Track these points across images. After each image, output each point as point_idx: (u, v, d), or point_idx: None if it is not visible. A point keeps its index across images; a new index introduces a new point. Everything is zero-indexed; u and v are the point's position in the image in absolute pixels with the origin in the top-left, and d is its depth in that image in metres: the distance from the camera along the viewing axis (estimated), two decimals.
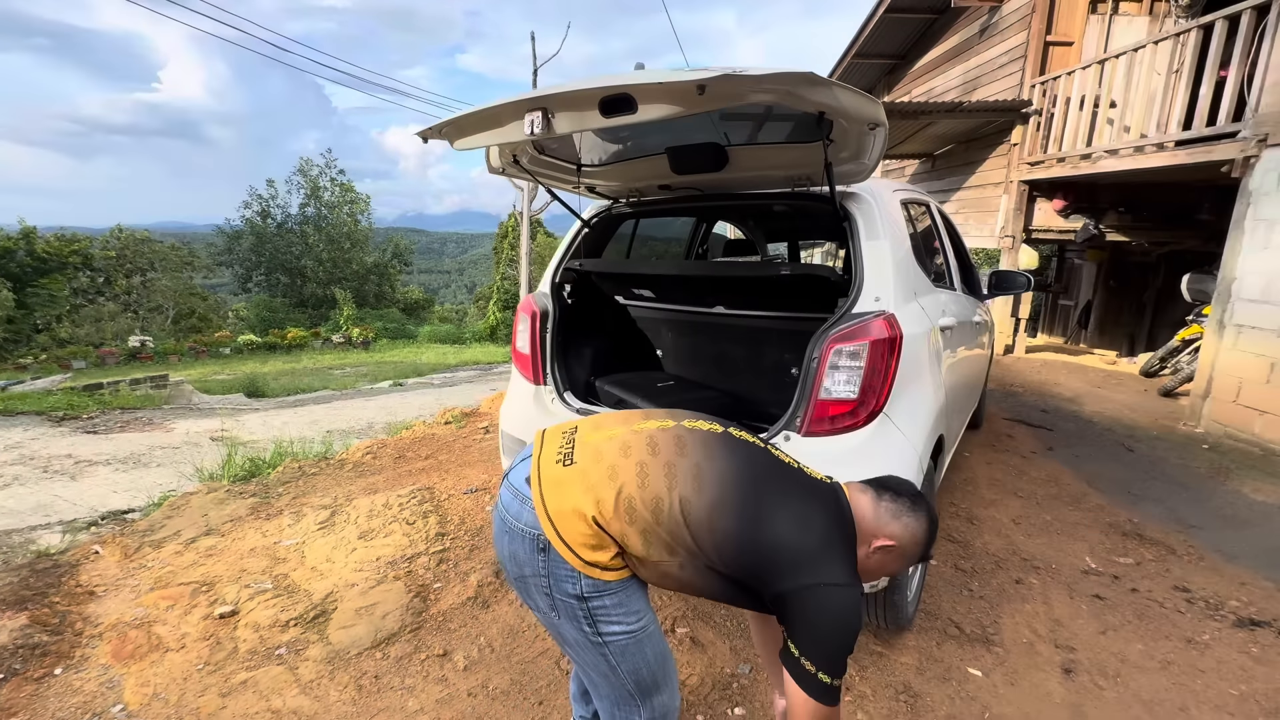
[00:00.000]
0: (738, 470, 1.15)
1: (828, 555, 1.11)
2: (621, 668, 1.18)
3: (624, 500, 1.11)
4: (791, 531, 1.12)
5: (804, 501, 1.18)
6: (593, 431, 1.23)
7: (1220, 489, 3.58)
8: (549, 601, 1.16)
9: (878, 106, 1.66)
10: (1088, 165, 6.10)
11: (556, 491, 1.14)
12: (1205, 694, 1.92)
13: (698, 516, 1.10)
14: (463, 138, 1.82)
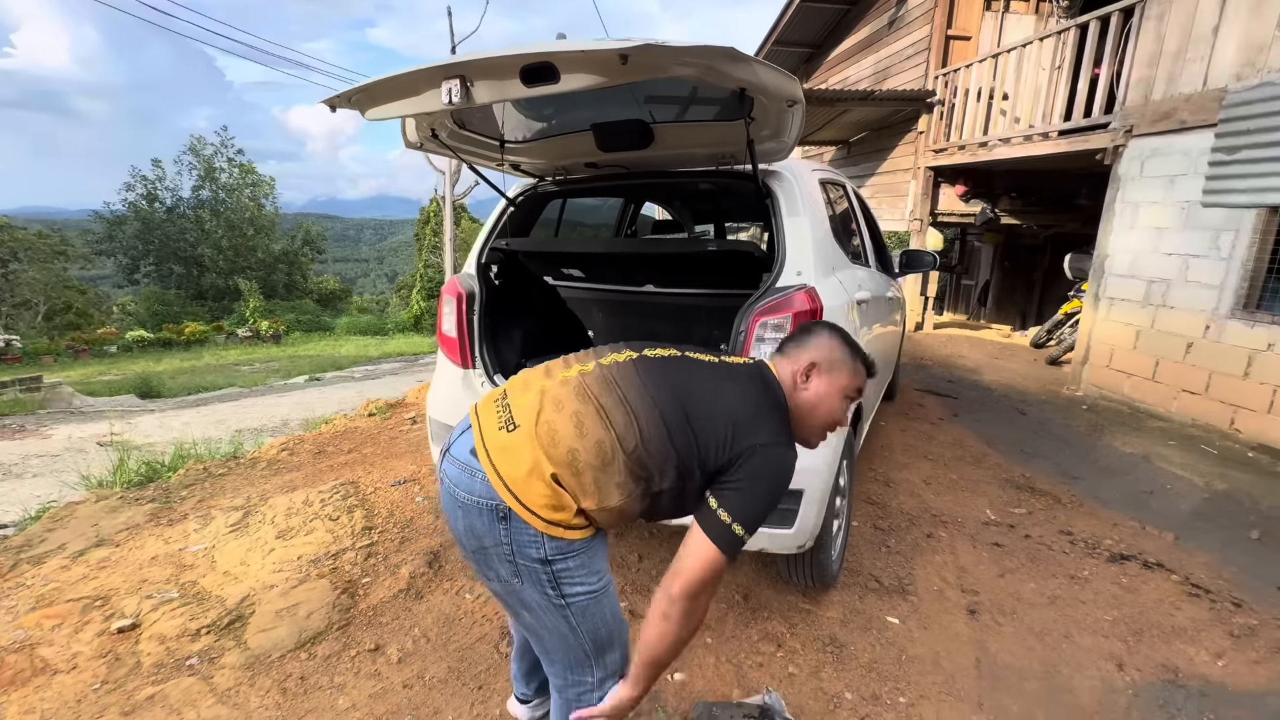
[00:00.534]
0: (663, 386, 1.19)
1: (760, 419, 1.17)
2: (582, 628, 1.19)
3: (569, 454, 1.12)
4: (724, 410, 1.17)
5: (731, 383, 1.23)
6: (522, 393, 1.22)
7: (1097, 444, 4.02)
8: (512, 569, 1.15)
9: (795, 84, 1.71)
10: (985, 153, 6.59)
11: (507, 458, 1.13)
12: (1085, 621, 2.17)
13: (638, 447, 1.13)
14: (375, 107, 1.72)
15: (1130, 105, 4.75)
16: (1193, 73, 4.27)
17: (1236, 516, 3.02)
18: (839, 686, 1.83)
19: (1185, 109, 4.29)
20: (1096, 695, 1.84)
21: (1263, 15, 3.82)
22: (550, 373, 1.25)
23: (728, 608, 2.19)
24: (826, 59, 10.04)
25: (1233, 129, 3.94)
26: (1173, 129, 4.39)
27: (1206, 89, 4.16)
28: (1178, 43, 4.38)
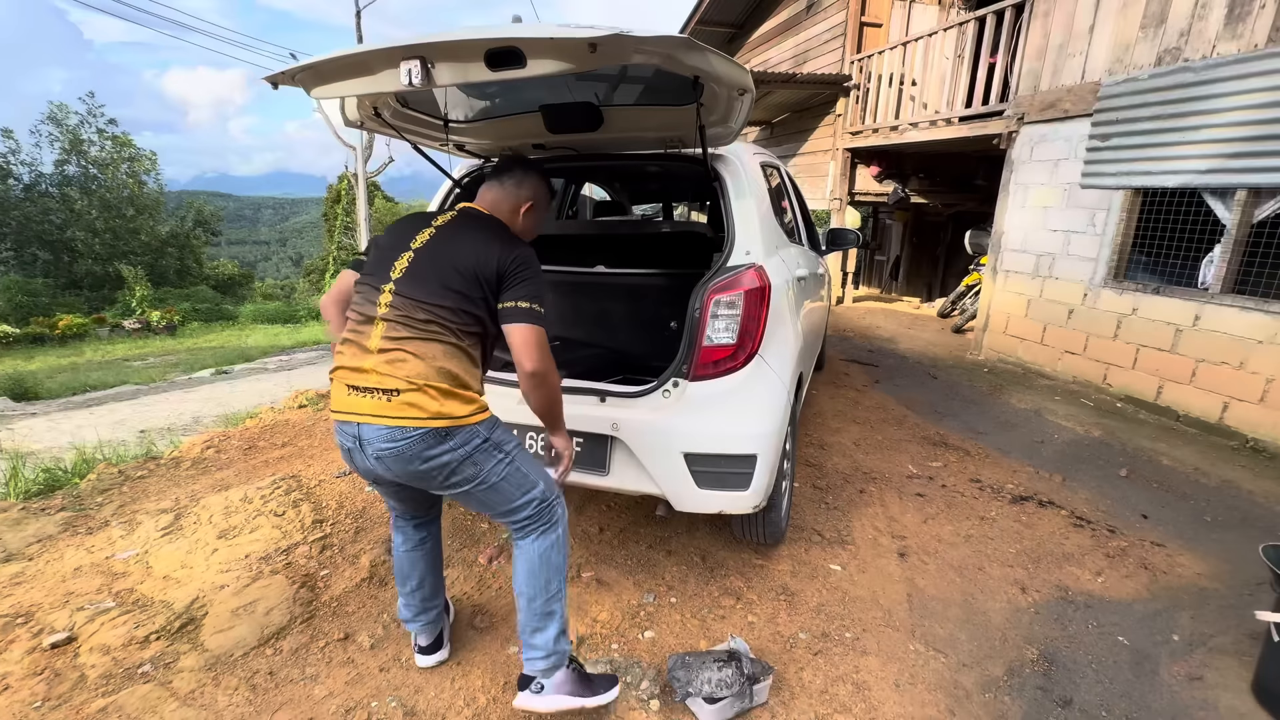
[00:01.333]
0: (428, 268, 1.52)
1: (500, 241, 1.56)
2: (523, 468, 1.57)
3: (413, 371, 1.43)
4: (470, 255, 1.53)
5: (466, 236, 1.59)
6: (356, 358, 1.48)
7: (997, 402, 4.49)
8: (474, 467, 1.49)
9: (746, 73, 1.81)
10: (896, 136, 7.03)
11: (397, 404, 1.42)
12: (994, 554, 2.49)
13: (425, 326, 1.47)
14: (322, 85, 1.66)
15: (1021, 95, 5.22)
16: (1073, 66, 4.75)
17: (1109, 458, 3.51)
18: (794, 628, 2.02)
19: (1067, 99, 4.79)
20: (1006, 615, 2.13)
21: (1129, 17, 4.31)
22: (361, 334, 1.51)
23: (688, 569, 2.33)
24: (748, 40, 10.24)
25: (1105, 118, 4.45)
26: (1057, 117, 4.89)
27: (1084, 81, 4.66)
28: (1060, 38, 4.85)
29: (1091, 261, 4.68)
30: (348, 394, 1.46)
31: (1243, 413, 3.72)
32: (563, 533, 1.63)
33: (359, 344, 1.48)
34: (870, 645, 1.96)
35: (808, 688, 1.78)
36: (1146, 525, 2.78)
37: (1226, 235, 3.79)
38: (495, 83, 2.18)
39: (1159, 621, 2.13)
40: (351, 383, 1.46)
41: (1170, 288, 4.17)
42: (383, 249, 1.60)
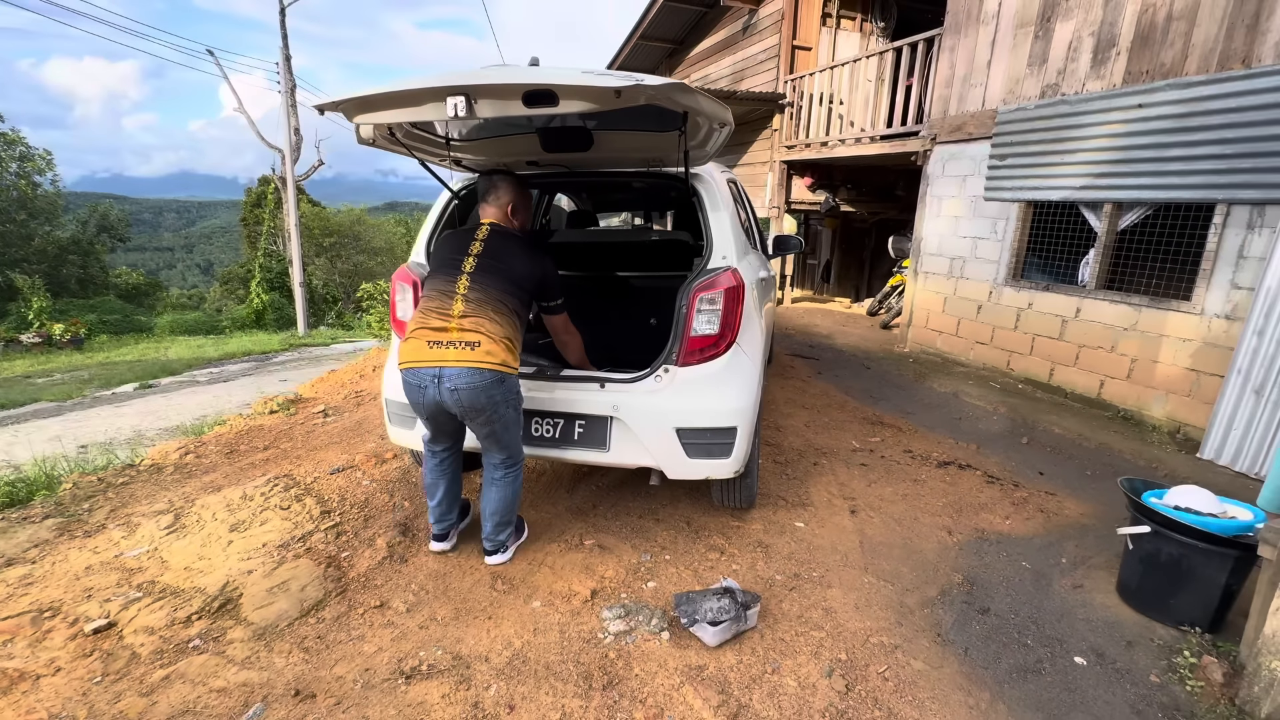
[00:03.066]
0: (493, 270, 2.16)
1: (537, 257, 2.28)
2: (520, 425, 2.28)
3: (490, 330, 2.08)
4: (524, 266, 2.24)
5: (513, 249, 2.24)
6: (441, 323, 2.09)
7: (921, 387, 5.11)
8: (507, 408, 2.15)
9: (727, 111, 2.18)
10: (826, 150, 7.69)
11: (479, 353, 2.05)
12: (926, 506, 2.98)
13: (498, 306, 2.14)
14: (366, 113, 1.90)
15: (934, 118, 5.94)
16: (975, 95, 5.48)
17: (1013, 430, 4.14)
18: (770, 572, 2.40)
19: (971, 123, 5.51)
20: (937, 552, 2.61)
21: (1018, 56, 5.05)
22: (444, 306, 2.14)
23: (676, 533, 2.67)
24: (688, 55, 10.78)
25: (1002, 141, 5.18)
26: (964, 139, 5.61)
27: (985, 108, 5.39)
28: (964, 70, 5.58)
29: (995, 264, 5.40)
30: (430, 348, 2.05)
31: (1115, 388, 4.47)
32: (521, 478, 2.37)
33: (441, 314, 2.09)
34: (833, 580, 2.37)
35: (787, 614, 2.16)
36: (1042, 480, 3.37)
37: (1098, 241, 4.54)
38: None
39: (1052, 550, 2.66)
40: (433, 339, 2.06)
41: (1057, 285, 4.91)
42: (444, 258, 2.24)
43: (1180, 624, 2.08)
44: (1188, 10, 3.91)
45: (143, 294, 26.29)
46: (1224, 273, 3.80)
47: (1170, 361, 4.11)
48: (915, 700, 1.81)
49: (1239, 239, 3.72)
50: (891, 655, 1.99)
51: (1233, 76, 3.66)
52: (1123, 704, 1.82)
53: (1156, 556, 2.11)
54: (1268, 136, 3.51)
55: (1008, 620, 2.19)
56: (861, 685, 1.85)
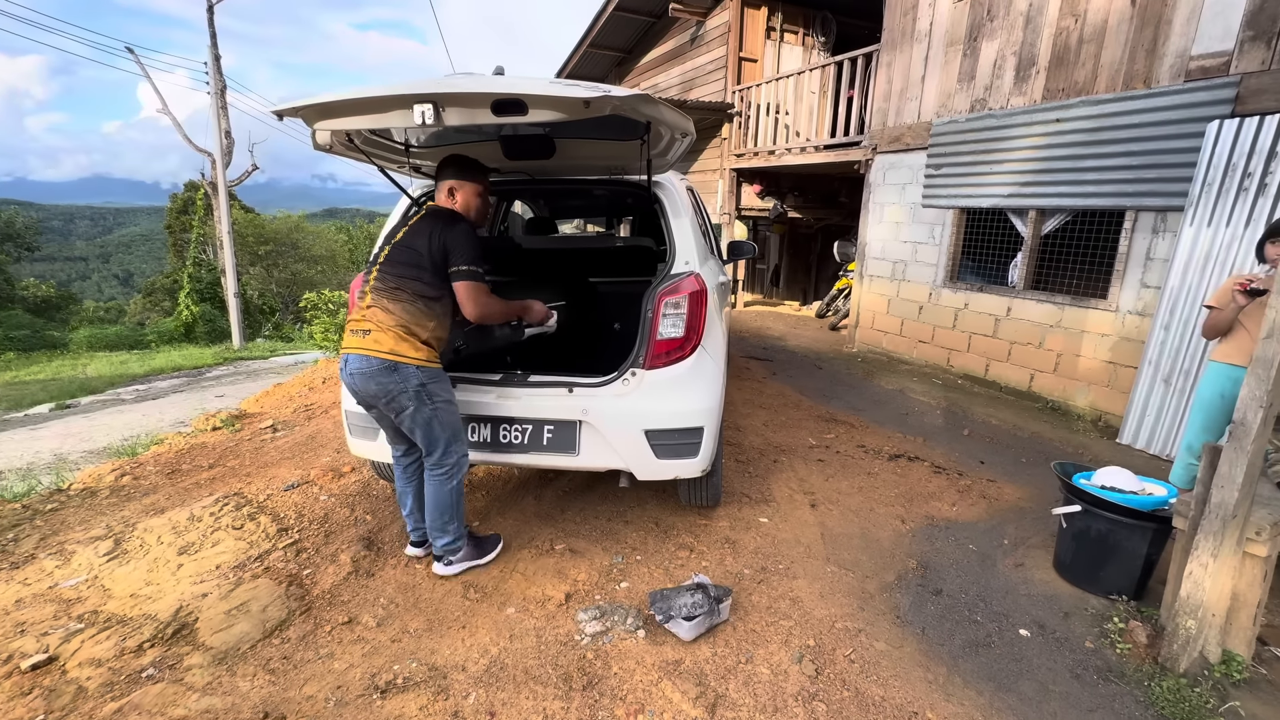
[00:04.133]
0: (397, 258, 2.14)
1: (443, 223, 2.14)
2: (441, 422, 2.17)
3: (380, 320, 2.09)
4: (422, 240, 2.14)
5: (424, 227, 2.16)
6: (355, 313, 2.18)
7: (870, 385, 5.35)
8: (407, 401, 2.09)
9: (689, 121, 2.25)
10: (774, 159, 7.95)
11: (368, 340, 2.09)
12: (880, 498, 3.13)
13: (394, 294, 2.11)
14: (328, 119, 1.87)
15: (874, 129, 6.25)
16: (911, 108, 5.81)
17: (955, 423, 4.40)
18: (739, 567, 2.48)
19: (908, 135, 5.83)
20: (892, 539, 2.75)
21: (949, 72, 5.39)
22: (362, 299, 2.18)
23: (645, 534, 2.72)
24: (638, 64, 10.92)
25: (937, 151, 5.50)
26: (902, 149, 5.92)
27: (920, 121, 5.71)
28: (900, 85, 5.90)
29: (934, 267, 5.72)
30: (349, 335, 2.15)
31: (1043, 381, 4.82)
32: (458, 484, 2.26)
33: (358, 304, 2.17)
34: (799, 572, 2.46)
35: (757, 605, 2.23)
36: (983, 469, 3.60)
37: (1025, 245, 4.89)
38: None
39: (994, 533, 2.85)
40: (350, 328, 2.16)
41: (990, 286, 5.25)
42: (380, 247, 2.26)
43: (1109, 594, 2.28)
44: (1096, 34, 4.28)
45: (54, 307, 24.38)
46: (1134, 273, 4.17)
47: (1091, 355, 4.46)
48: (880, 679, 1.91)
49: (1146, 242, 4.09)
50: (856, 639, 2.09)
51: (1136, 95, 4.03)
52: (1063, 670, 1.98)
53: (1087, 533, 2.30)
54: (1167, 150, 3.88)
55: (959, 600, 2.34)
56: (830, 669, 1.94)
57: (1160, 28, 3.92)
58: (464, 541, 2.35)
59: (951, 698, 1.85)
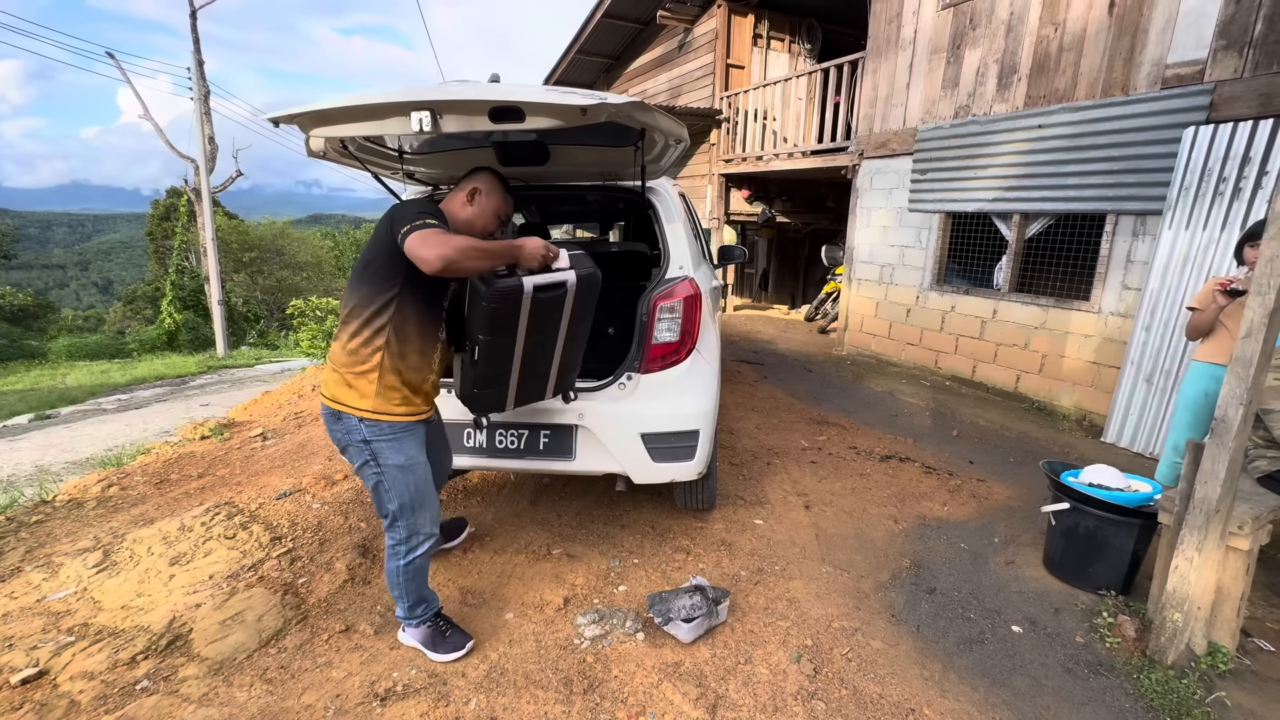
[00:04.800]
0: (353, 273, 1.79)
1: (387, 217, 1.74)
2: (388, 489, 1.80)
3: (330, 354, 1.79)
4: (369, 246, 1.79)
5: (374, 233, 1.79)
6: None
7: (860, 387, 5.41)
8: (352, 456, 1.79)
9: (683, 128, 2.28)
10: (762, 164, 8.03)
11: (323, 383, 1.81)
12: (873, 498, 3.17)
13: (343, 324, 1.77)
14: (324, 126, 1.87)
15: (861, 135, 6.33)
16: (897, 114, 5.90)
17: (945, 423, 4.46)
18: (735, 568, 2.49)
19: (895, 140, 5.92)
20: (886, 539, 2.78)
21: (933, 79, 5.49)
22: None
23: (642, 537, 2.73)
24: (626, 70, 10.98)
25: (922, 157, 5.58)
26: (888, 154, 6.01)
27: (906, 127, 5.80)
28: (886, 91, 5.99)
29: (921, 270, 5.80)
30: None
31: (1029, 382, 4.90)
32: (403, 564, 1.87)
33: None
34: (794, 572, 2.49)
35: (754, 606, 2.25)
36: (973, 468, 3.66)
37: (1010, 248, 4.98)
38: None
39: (985, 531, 2.90)
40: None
41: (976, 289, 5.34)
42: None
43: (1098, 589, 2.32)
44: (1075, 42, 4.38)
45: (31, 316, 23.92)
46: (1116, 275, 4.26)
47: (1075, 356, 4.55)
48: (877, 677, 1.93)
49: (1127, 245, 4.19)
50: (852, 638, 2.11)
51: (1114, 102, 4.13)
52: (1055, 664, 2.02)
53: (1075, 530, 2.34)
54: (1146, 155, 3.98)
55: (952, 598, 2.37)
56: (828, 668, 1.96)
57: (1137, 37, 4.03)
58: (418, 622, 1.97)
59: (948, 694, 1.88)
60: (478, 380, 1.90)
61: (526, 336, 1.87)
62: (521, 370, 1.96)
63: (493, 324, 1.78)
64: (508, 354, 1.89)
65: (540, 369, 2.04)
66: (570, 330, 2.02)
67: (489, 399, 1.99)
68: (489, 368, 1.87)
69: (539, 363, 2.01)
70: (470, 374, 1.92)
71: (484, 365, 1.86)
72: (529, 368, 1.97)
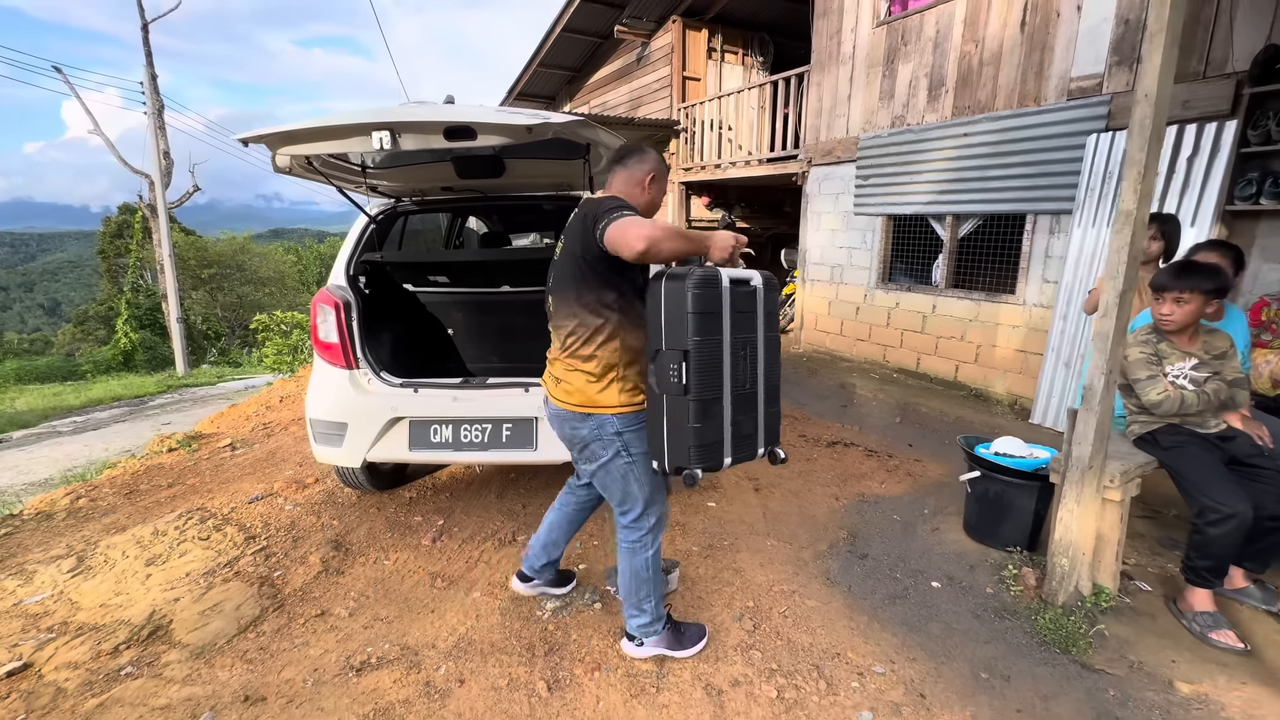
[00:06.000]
0: (559, 276, 1.82)
1: (587, 208, 1.70)
2: (637, 477, 1.82)
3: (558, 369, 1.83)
4: (572, 239, 1.75)
5: (571, 226, 1.80)
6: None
7: (813, 381, 5.71)
8: (601, 449, 1.78)
9: (624, 142, 2.50)
10: (719, 172, 8.34)
11: (560, 390, 1.82)
12: (818, 479, 3.43)
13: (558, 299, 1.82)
14: (290, 145, 2.04)
15: (809, 143, 6.68)
16: (840, 124, 6.26)
17: (888, 411, 4.76)
18: (688, 545, 2.71)
19: (839, 148, 6.27)
20: (827, 515, 3.03)
21: (871, 91, 5.86)
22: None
23: (603, 522, 2.92)
24: (587, 83, 11.23)
25: (864, 164, 5.94)
26: (834, 161, 6.36)
27: (849, 135, 6.16)
28: (830, 102, 6.36)
29: (867, 270, 6.15)
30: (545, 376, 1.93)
31: (966, 371, 5.26)
32: (653, 553, 1.88)
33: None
34: (742, 546, 2.71)
35: (703, 576, 2.47)
36: (911, 450, 3.95)
37: (945, 247, 5.35)
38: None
39: (917, 504, 3.17)
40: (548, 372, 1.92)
41: (917, 286, 5.70)
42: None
43: (1007, 546, 2.60)
44: (994, 58, 4.78)
45: None
46: (1037, 270, 4.64)
47: (1005, 345, 4.91)
48: (809, 629, 2.16)
49: (1045, 242, 4.57)
50: (790, 599, 2.34)
51: (1029, 112, 4.52)
52: (966, 612, 2.28)
53: (986, 495, 2.62)
54: (1057, 160, 4.37)
55: (882, 562, 2.62)
56: (766, 624, 2.18)
57: (1045, 53, 4.43)
58: (662, 624, 1.96)
59: (870, 640, 2.12)
60: (695, 414, 1.56)
61: (730, 342, 1.61)
62: (732, 396, 1.64)
63: (701, 322, 1.53)
64: (718, 365, 1.59)
65: (749, 389, 1.71)
66: (768, 339, 1.74)
67: (708, 440, 1.62)
68: (702, 386, 1.56)
69: (745, 381, 1.68)
70: (683, 409, 1.57)
71: (697, 382, 1.55)
72: (736, 390, 1.65)
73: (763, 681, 1.90)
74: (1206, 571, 2.11)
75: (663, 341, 1.58)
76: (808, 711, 1.79)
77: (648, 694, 1.85)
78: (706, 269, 1.59)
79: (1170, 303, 2.18)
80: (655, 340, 1.61)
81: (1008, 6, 4.64)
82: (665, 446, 1.64)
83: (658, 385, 1.61)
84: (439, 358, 3.47)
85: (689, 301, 1.52)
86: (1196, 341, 2.28)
